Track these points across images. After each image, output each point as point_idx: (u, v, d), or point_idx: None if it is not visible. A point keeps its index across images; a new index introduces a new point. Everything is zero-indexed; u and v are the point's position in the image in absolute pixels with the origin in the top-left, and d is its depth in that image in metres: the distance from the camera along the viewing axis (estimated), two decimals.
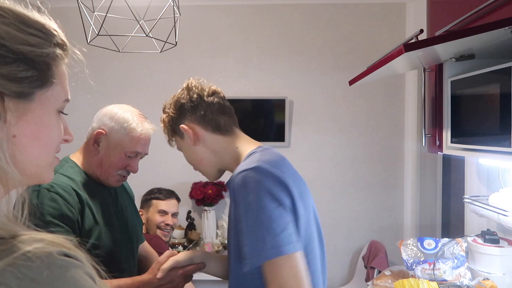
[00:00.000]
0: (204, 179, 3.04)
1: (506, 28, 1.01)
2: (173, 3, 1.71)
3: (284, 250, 0.88)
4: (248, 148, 1.09)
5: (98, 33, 1.63)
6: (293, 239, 0.90)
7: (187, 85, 1.18)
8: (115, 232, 1.34)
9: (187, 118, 1.13)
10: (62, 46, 0.59)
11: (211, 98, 1.14)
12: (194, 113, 1.12)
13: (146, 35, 1.69)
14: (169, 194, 2.37)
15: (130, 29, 1.85)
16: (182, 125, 1.12)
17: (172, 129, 1.17)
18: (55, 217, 1.16)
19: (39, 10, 0.60)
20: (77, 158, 1.37)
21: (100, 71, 3.09)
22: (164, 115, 1.19)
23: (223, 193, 3.04)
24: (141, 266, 1.51)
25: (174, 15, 1.72)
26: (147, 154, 1.44)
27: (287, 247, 0.89)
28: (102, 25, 1.59)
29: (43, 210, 1.15)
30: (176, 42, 1.81)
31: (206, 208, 3.00)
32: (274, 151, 1.06)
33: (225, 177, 3.48)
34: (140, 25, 1.71)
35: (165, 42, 1.77)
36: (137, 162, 1.40)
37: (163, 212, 2.28)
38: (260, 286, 0.93)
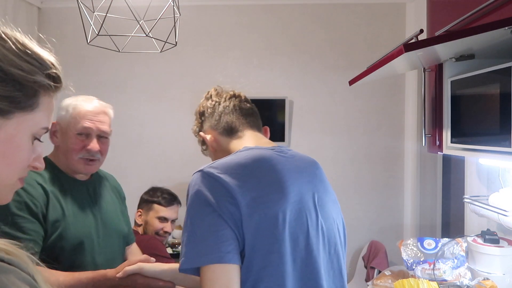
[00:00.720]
0: None
1: (506, 28, 1.01)
2: (173, 3, 1.71)
3: (201, 260, 0.84)
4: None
5: (98, 33, 1.63)
6: (219, 249, 0.84)
7: (207, 93, 1.21)
8: (86, 226, 1.35)
9: (206, 126, 1.17)
10: (55, 79, 0.62)
11: (228, 102, 1.16)
12: (212, 119, 1.15)
13: (146, 35, 1.69)
14: (172, 200, 2.33)
15: (130, 29, 1.85)
16: (200, 132, 1.17)
17: (200, 139, 1.20)
18: (19, 209, 1.21)
19: (49, 49, 0.65)
20: (52, 155, 1.43)
21: (100, 71, 3.09)
22: (193, 128, 1.24)
23: None
24: None
25: (174, 15, 1.72)
26: (104, 131, 1.40)
27: (207, 257, 0.84)
28: (102, 25, 1.59)
29: (8, 203, 1.19)
30: (176, 42, 1.81)
31: None
32: (252, 153, 1.00)
33: None
34: (140, 25, 1.71)
35: (165, 42, 1.77)
36: (95, 140, 1.37)
37: (164, 219, 2.25)
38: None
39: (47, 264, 0.57)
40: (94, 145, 1.37)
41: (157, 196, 2.30)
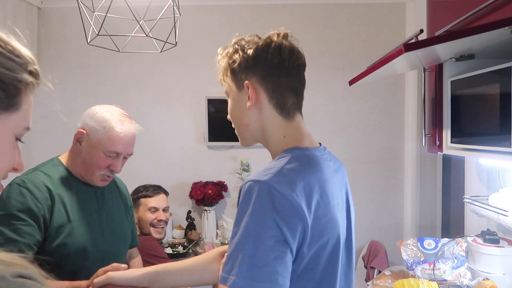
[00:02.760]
0: (204, 179, 3.05)
1: (506, 28, 1.01)
2: (173, 3, 1.71)
3: (255, 286, 0.76)
4: (291, 144, 0.94)
5: (98, 33, 1.63)
6: (277, 280, 0.77)
7: (275, 38, 0.96)
8: (92, 231, 1.34)
9: (257, 77, 0.94)
10: (35, 75, 0.59)
11: (295, 70, 0.97)
12: (268, 77, 0.94)
13: (146, 35, 1.69)
14: (156, 189, 2.35)
15: (130, 29, 1.85)
16: (247, 82, 0.94)
17: (233, 74, 0.97)
18: (20, 210, 1.19)
19: (17, 37, 0.60)
20: (64, 157, 1.41)
21: (100, 71, 3.10)
22: (232, 50, 0.98)
23: (223, 193, 3.04)
24: None
25: (174, 15, 1.72)
26: (131, 154, 1.41)
27: (262, 285, 0.76)
28: (102, 25, 1.59)
29: (9, 203, 1.20)
30: (176, 42, 1.81)
31: (206, 208, 3.00)
32: (307, 158, 0.91)
33: (224, 177, 3.42)
34: (140, 25, 1.71)
35: (165, 42, 1.77)
36: (120, 162, 1.38)
37: (154, 209, 2.26)
38: None
39: (48, 268, 0.55)
40: (119, 167, 1.38)
41: (140, 191, 2.32)
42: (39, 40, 2.99)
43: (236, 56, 0.96)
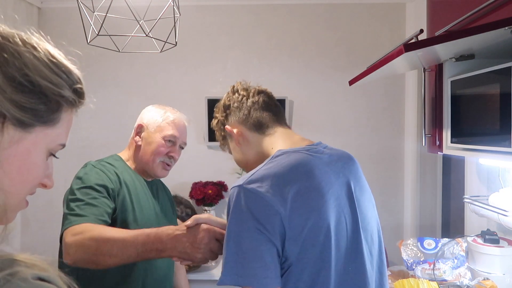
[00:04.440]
0: (204, 179, 3.05)
1: (506, 28, 1.00)
2: (173, 3, 1.71)
3: (239, 281, 0.84)
4: (276, 149, 1.04)
5: (98, 33, 1.63)
6: (256, 274, 0.84)
7: (233, 87, 1.18)
8: (150, 222, 1.42)
9: (232, 119, 1.14)
10: (79, 94, 0.61)
11: (256, 97, 1.14)
12: (239, 113, 1.13)
13: (146, 35, 1.69)
14: (177, 205, 2.32)
15: (130, 29, 1.85)
16: (227, 126, 1.14)
17: (221, 133, 1.19)
18: (98, 185, 1.31)
19: (74, 62, 0.63)
20: (123, 153, 1.56)
21: (100, 71, 3.09)
22: (214, 121, 1.21)
23: (223, 193, 3.04)
24: None
25: (174, 15, 1.72)
26: (185, 143, 1.57)
27: (245, 279, 0.84)
28: (102, 25, 1.59)
29: (89, 178, 1.33)
30: (176, 42, 1.81)
31: (206, 208, 3.00)
32: (288, 160, 0.96)
33: (224, 177, 3.43)
34: (140, 25, 1.71)
35: (165, 42, 1.76)
36: (178, 149, 1.53)
37: None
38: None
39: None
40: (177, 153, 1.53)
41: None
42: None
43: (215, 122, 1.19)
